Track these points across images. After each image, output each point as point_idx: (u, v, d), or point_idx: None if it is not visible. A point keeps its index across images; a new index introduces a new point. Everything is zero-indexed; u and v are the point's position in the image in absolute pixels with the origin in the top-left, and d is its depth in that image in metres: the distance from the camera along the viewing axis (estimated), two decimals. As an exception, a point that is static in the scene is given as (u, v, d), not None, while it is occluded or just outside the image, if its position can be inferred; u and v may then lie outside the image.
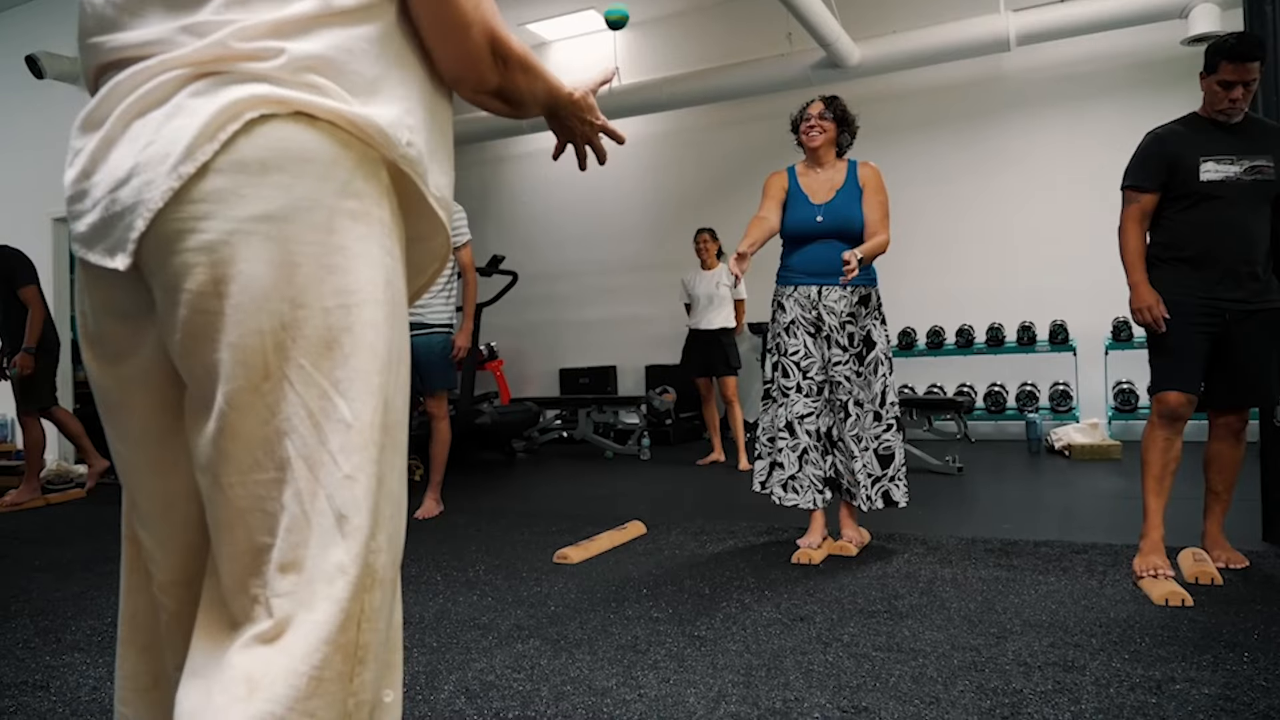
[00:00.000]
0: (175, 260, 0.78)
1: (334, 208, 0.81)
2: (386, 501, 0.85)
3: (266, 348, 0.78)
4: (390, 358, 0.86)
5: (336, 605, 0.79)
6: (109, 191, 0.80)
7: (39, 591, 3.09)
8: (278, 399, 0.79)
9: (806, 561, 3.13)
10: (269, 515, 0.80)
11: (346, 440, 0.81)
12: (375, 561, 0.83)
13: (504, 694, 2.00)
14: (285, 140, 0.79)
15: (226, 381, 0.78)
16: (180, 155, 0.76)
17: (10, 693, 2.12)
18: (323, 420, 0.80)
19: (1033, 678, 2.01)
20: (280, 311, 0.78)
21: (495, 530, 3.91)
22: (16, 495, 5.18)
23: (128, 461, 0.93)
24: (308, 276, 0.80)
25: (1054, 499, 4.40)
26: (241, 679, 0.76)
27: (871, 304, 3.19)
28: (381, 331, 0.84)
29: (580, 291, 8.85)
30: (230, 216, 0.77)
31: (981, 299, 7.05)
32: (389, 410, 0.86)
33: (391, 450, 0.87)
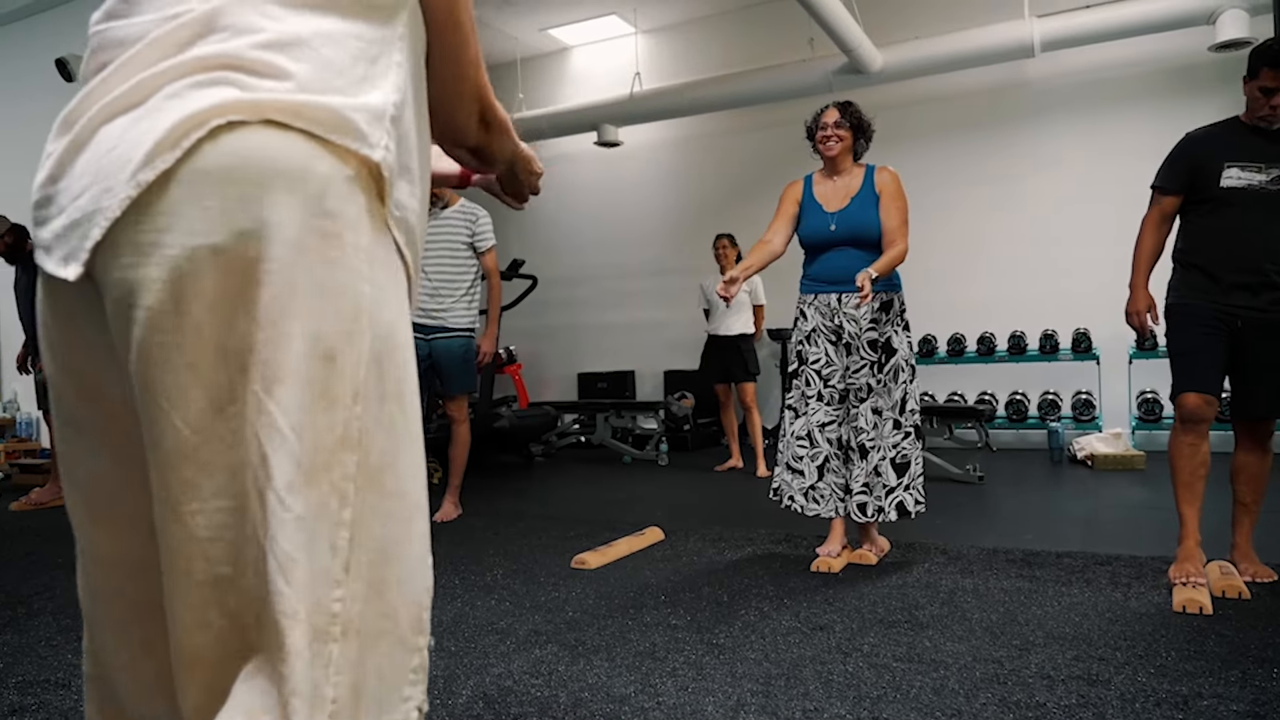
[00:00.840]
0: (132, 274, 0.73)
1: (303, 226, 0.75)
2: (362, 548, 0.79)
3: (231, 369, 0.73)
4: (366, 392, 0.79)
5: (290, 653, 0.74)
6: (71, 198, 0.76)
7: (61, 589, 3.12)
8: (240, 424, 0.74)
9: (826, 570, 3.11)
10: (230, 545, 0.75)
11: (294, 478, 0.75)
12: (344, 610, 0.77)
13: (522, 700, 2.00)
14: (252, 150, 0.74)
15: (186, 405, 0.73)
16: (140, 162, 0.72)
17: (33, 690, 2.14)
18: (271, 454, 0.74)
19: (1056, 691, 1.98)
20: (245, 333, 0.73)
21: (513, 534, 3.91)
22: (41, 494, 5.24)
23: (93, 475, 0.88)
24: (272, 298, 0.74)
25: (1077, 509, 4.35)
26: None
27: (893, 310, 3.17)
28: (346, 365, 0.78)
29: (599, 296, 8.85)
30: (191, 230, 0.72)
31: (1003, 306, 7.00)
32: (365, 448, 0.79)
33: (374, 494, 0.80)
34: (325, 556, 0.76)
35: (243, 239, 0.73)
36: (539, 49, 8.90)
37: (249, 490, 0.74)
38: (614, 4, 7.99)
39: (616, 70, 8.44)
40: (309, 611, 0.76)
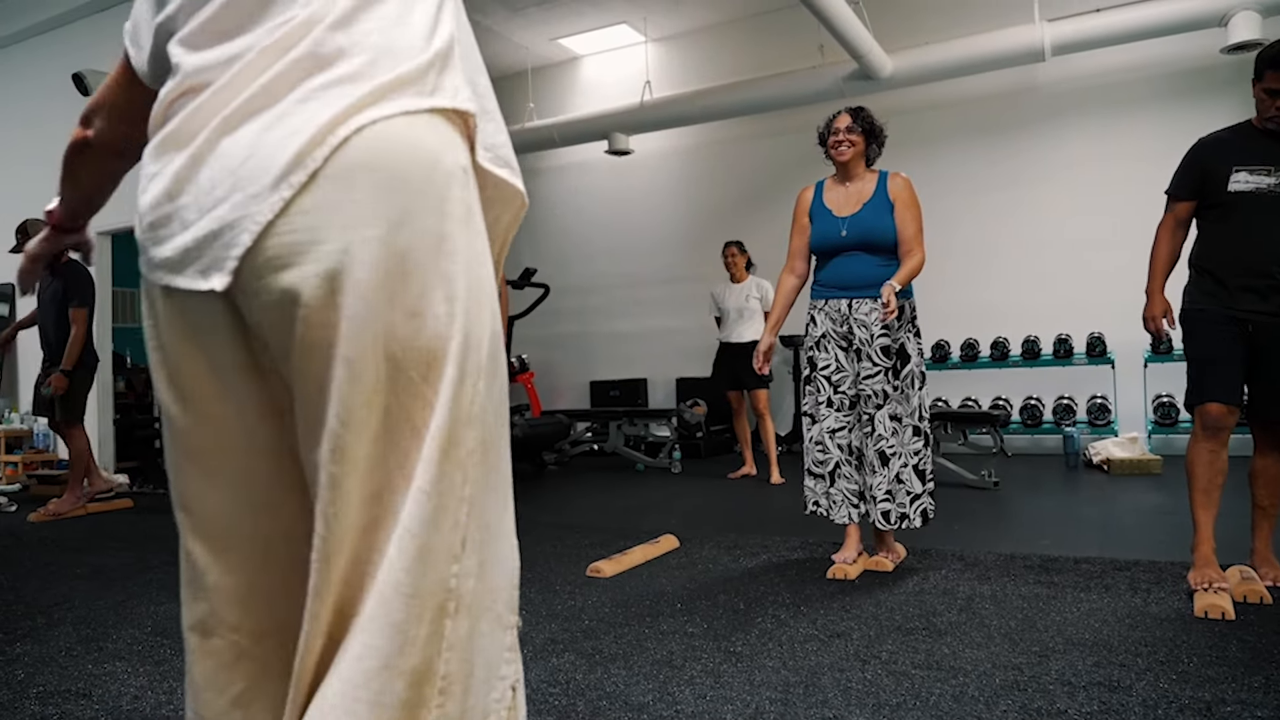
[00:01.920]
0: (288, 275, 0.74)
1: (443, 213, 0.78)
2: (478, 525, 0.80)
3: (379, 359, 0.75)
4: (485, 369, 0.82)
5: (393, 628, 0.75)
6: (202, 212, 0.77)
7: (81, 599, 3.14)
8: (386, 413, 0.76)
9: (842, 577, 3.10)
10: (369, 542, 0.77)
11: (430, 451, 0.77)
12: (460, 585, 0.78)
13: (541, 708, 2.00)
14: (389, 144, 0.76)
15: (340, 400, 0.75)
16: (287, 165, 0.73)
17: (54, 700, 2.15)
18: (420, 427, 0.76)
19: (1077, 698, 1.97)
20: (395, 322, 0.75)
21: (528, 542, 3.89)
22: (59, 504, 5.27)
23: (214, 504, 0.88)
24: (422, 285, 0.76)
25: (1093, 514, 4.32)
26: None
27: (905, 317, 3.16)
28: (482, 342, 0.81)
29: (611, 304, 8.87)
30: (342, 225, 0.74)
31: (1017, 311, 6.97)
32: (482, 424, 0.81)
33: (484, 469, 0.82)
34: (449, 531, 0.78)
35: (391, 230, 0.75)
36: (550, 58, 8.94)
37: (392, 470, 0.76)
38: (624, 13, 8.03)
39: (627, 79, 8.47)
40: (432, 588, 0.76)
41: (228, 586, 0.88)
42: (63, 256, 5.30)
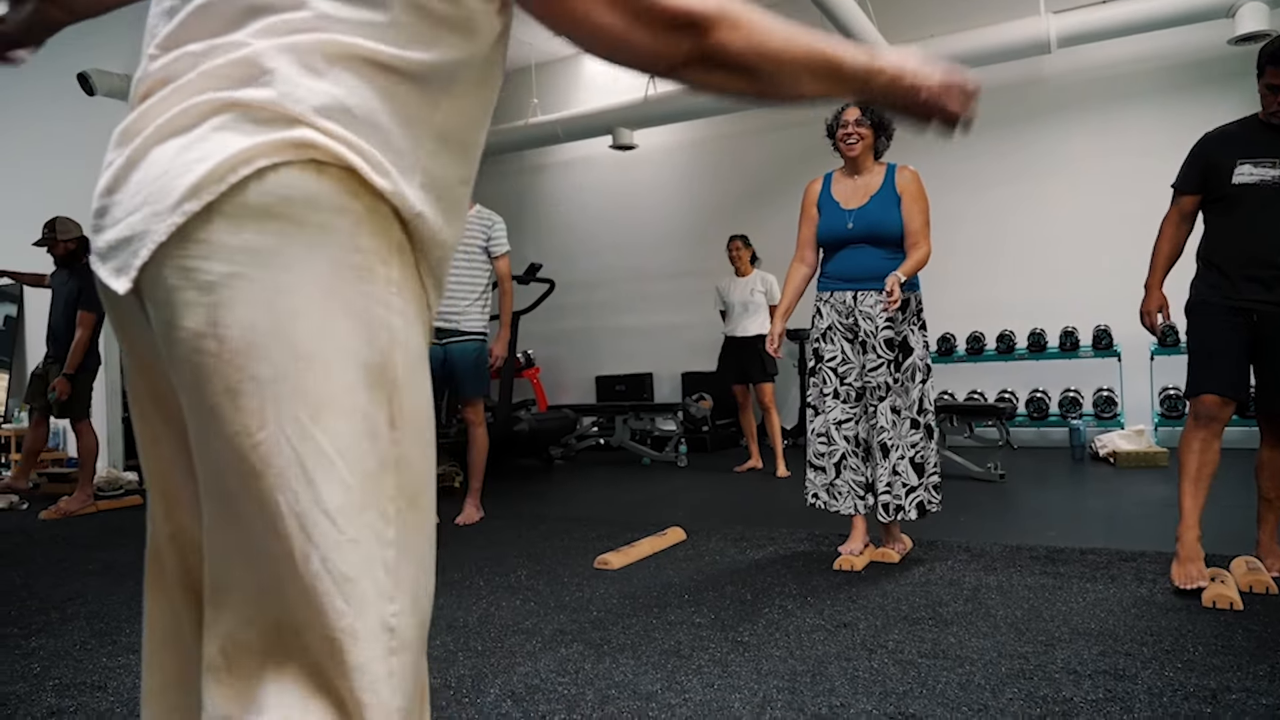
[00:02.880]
0: (175, 297, 0.76)
1: (337, 261, 0.78)
2: (406, 563, 0.83)
3: (264, 396, 0.76)
4: (401, 419, 0.82)
5: (361, 672, 0.77)
6: (125, 214, 0.79)
7: (93, 595, 3.17)
8: (271, 451, 0.76)
9: (848, 568, 3.11)
10: (258, 574, 0.78)
11: (345, 502, 0.78)
12: (398, 624, 0.81)
13: (549, 697, 2.02)
14: (292, 188, 0.76)
15: (223, 425, 0.76)
16: (186, 192, 0.75)
17: (70, 692, 2.18)
18: (318, 478, 0.77)
19: (1083, 686, 1.98)
20: (279, 362, 0.76)
21: (535, 536, 3.94)
22: (69, 503, 5.31)
23: (164, 459, 0.92)
24: (308, 329, 0.77)
25: (1100, 506, 4.32)
26: None
27: (910, 310, 3.17)
28: (383, 395, 0.81)
29: (616, 299, 8.88)
30: (232, 260, 0.75)
31: (1023, 305, 6.96)
32: (402, 470, 0.83)
33: (412, 513, 0.84)
34: (380, 575, 0.80)
35: (279, 272, 0.76)
36: (553, 54, 8.95)
37: (285, 514, 0.76)
38: (627, 8, 8.02)
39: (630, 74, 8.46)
40: (373, 629, 0.79)
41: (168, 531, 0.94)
42: (84, 258, 5.34)
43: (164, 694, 0.95)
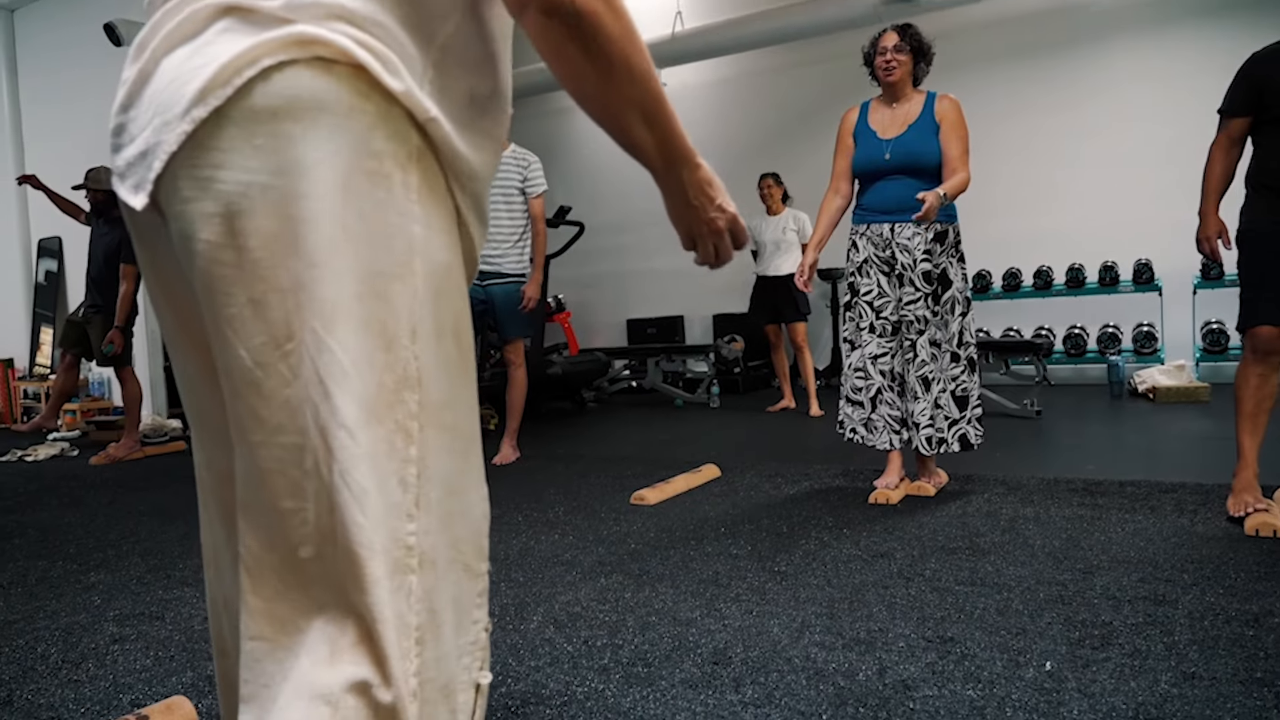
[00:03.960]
0: (190, 208, 0.75)
1: (350, 166, 0.76)
2: (430, 484, 0.82)
3: (288, 306, 0.75)
4: (422, 331, 0.81)
5: (379, 585, 0.77)
6: (140, 129, 0.78)
7: (146, 533, 3.27)
8: (298, 362, 0.76)
9: (884, 501, 3.12)
10: (291, 481, 0.78)
11: (359, 415, 0.77)
12: (419, 543, 0.81)
13: (591, 624, 2.06)
14: (300, 88, 0.74)
15: (248, 338, 0.76)
16: (193, 98, 0.73)
17: (130, 622, 2.26)
18: (335, 390, 0.76)
19: (1123, 611, 1.98)
20: (296, 271, 0.75)
21: (571, 474, 3.99)
22: (117, 449, 5.45)
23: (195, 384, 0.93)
24: (323, 236, 0.75)
25: (1138, 441, 4.28)
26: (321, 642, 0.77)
27: (948, 241, 3.12)
28: (401, 304, 0.79)
29: (645, 242, 8.83)
30: (244, 167, 0.74)
31: (1061, 239, 6.83)
32: (425, 387, 0.81)
33: (436, 431, 0.83)
34: (396, 492, 0.79)
35: (292, 178, 0.74)
36: (578, -8, 8.77)
37: (309, 426, 0.76)
38: (653, -59, 7.83)
39: (657, 9, 8.29)
40: (386, 544, 0.79)
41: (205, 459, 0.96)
42: (116, 210, 5.40)
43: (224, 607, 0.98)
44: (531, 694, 1.70)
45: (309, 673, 0.76)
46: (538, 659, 1.87)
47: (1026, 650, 1.79)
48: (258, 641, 0.80)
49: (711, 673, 1.75)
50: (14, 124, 8.19)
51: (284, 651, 0.78)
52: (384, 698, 0.77)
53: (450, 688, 0.84)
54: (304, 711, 0.75)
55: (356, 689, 0.76)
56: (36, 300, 8.18)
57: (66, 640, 2.15)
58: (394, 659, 0.78)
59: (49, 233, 8.02)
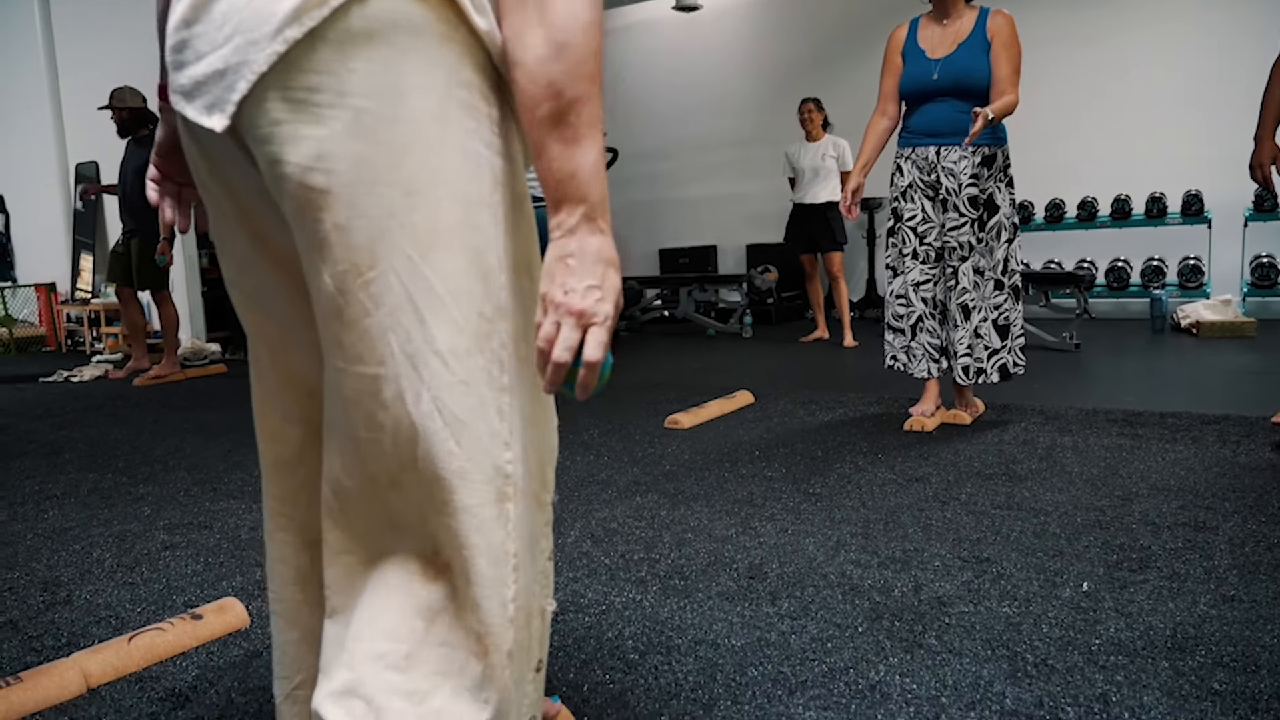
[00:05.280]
0: (280, 130, 0.73)
1: (445, 94, 0.75)
2: (517, 414, 0.82)
3: (373, 233, 0.74)
4: (508, 261, 0.81)
5: (463, 511, 0.78)
6: (211, 46, 0.75)
7: (191, 450, 3.35)
8: (382, 290, 0.75)
9: (919, 429, 3.11)
10: (367, 412, 0.78)
11: (457, 342, 0.77)
12: (513, 471, 0.81)
13: (627, 539, 2.09)
14: (397, 13, 0.73)
15: (333, 264, 0.75)
16: (287, 17, 0.71)
17: (180, 531, 2.33)
18: (430, 317, 0.76)
19: (1161, 536, 1.97)
20: (389, 197, 0.74)
21: (604, 399, 4.01)
22: (158, 370, 5.57)
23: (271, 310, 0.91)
24: (418, 163, 0.75)
25: (1180, 374, 4.20)
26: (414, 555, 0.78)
27: (996, 165, 3.03)
28: (491, 233, 0.79)
29: (679, 170, 8.70)
30: (339, 90, 0.72)
31: (1107, 170, 6.62)
32: (516, 318, 0.81)
33: (519, 362, 0.83)
34: (495, 420, 0.79)
35: (388, 103, 0.73)
36: (613, -91, 8.51)
37: (393, 356, 0.76)
38: None
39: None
40: (487, 473, 0.79)
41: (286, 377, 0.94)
42: (143, 129, 5.41)
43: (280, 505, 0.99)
44: (570, 603, 1.73)
45: (399, 590, 0.78)
46: (575, 570, 1.90)
47: (1063, 572, 1.79)
48: (349, 556, 0.82)
49: (748, 586, 1.77)
50: (48, 54, 8.18)
51: (374, 569, 0.80)
52: (473, 624, 0.79)
53: (532, 614, 0.85)
54: (394, 622, 0.77)
55: (447, 611, 0.78)
56: (76, 227, 8.27)
57: (120, 546, 2.22)
58: (485, 585, 0.79)
59: (86, 156, 8.07)
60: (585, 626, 1.62)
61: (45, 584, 1.97)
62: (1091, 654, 1.44)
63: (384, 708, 0.75)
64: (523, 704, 0.85)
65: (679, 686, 1.38)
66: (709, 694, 1.35)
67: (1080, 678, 1.36)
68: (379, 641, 0.76)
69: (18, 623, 1.76)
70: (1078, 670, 1.38)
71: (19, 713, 1.37)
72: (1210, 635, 1.49)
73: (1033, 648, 1.47)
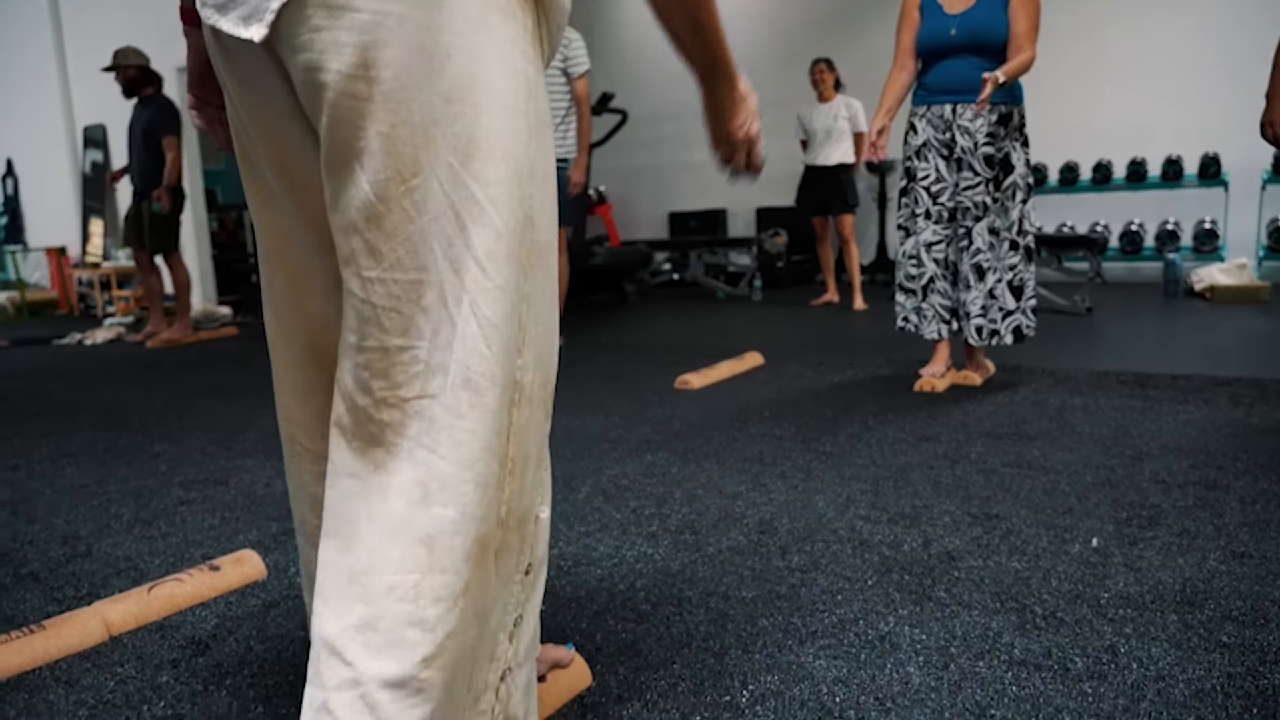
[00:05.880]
0: (320, 37, 0.74)
1: (485, 1, 0.77)
2: (534, 321, 0.84)
3: (417, 141, 0.75)
4: (536, 172, 0.82)
5: (488, 413, 0.79)
6: None
7: (205, 409, 3.38)
8: (425, 196, 0.76)
9: (929, 390, 3.11)
10: (405, 318, 0.78)
11: (495, 248, 0.78)
12: (523, 378, 0.83)
13: (639, 495, 2.11)
14: None
15: (374, 172, 0.76)
16: None
17: (196, 487, 2.36)
18: (470, 224, 0.77)
19: (1172, 494, 1.97)
20: (432, 105, 0.75)
21: (614, 361, 4.02)
22: (171, 333, 5.60)
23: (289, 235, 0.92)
24: (459, 70, 0.75)
25: (1193, 338, 4.18)
26: (414, 484, 0.78)
27: (1012, 124, 2.99)
28: (525, 142, 0.81)
29: (688, 133, 8.61)
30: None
31: (1122, 131, 6.53)
32: (536, 227, 0.83)
33: (542, 272, 0.85)
34: (513, 327, 0.81)
35: (431, 10, 0.74)
36: None
37: (435, 261, 0.77)
38: None
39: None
40: (505, 378, 0.81)
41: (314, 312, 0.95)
42: (148, 90, 5.38)
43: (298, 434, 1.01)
44: (583, 555, 1.75)
45: (404, 515, 0.78)
46: (587, 525, 1.92)
47: (1073, 528, 1.80)
48: (351, 480, 0.82)
49: (758, 541, 1.79)
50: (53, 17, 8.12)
51: (375, 491, 0.80)
52: (476, 530, 0.80)
53: (525, 518, 0.87)
54: (402, 553, 0.78)
55: (451, 528, 0.79)
56: (85, 192, 8.27)
57: (137, 501, 2.25)
58: (488, 490, 0.81)
59: (93, 119, 8.04)
60: (597, 579, 1.64)
61: (65, 538, 2.00)
62: (1100, 607, 1.45)
63: (401, 639, 0.77)
64: (508, 603, 0.88)
65: (690, 636, 1.40)
66: (720, 643, 1.37)
67: (1089, 630, 1.37)
68: (388, 574, 0.78)
69: (39, 574, 1.79)
70: (1086, 623, 1.40)
71: (43, 659, 1.40)
72: (1219, 590, 1.50)
73: (1041, 601, 1.48)
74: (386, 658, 0.77)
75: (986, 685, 1.22)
